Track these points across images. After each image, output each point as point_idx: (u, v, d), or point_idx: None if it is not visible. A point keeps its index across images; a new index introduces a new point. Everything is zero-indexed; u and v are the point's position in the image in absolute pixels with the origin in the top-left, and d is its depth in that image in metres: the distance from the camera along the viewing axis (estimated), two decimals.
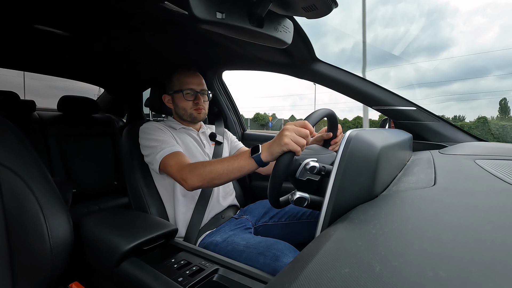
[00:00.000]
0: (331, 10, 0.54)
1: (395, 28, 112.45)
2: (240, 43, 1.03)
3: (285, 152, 0.60)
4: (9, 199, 0.61)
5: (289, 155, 0.60)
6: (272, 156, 0.64)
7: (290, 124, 0.63)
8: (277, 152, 0.62)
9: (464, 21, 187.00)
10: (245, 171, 0.70)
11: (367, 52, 36.44)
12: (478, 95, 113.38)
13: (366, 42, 9.32)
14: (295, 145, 0.60)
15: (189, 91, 1.00)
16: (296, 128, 0.62)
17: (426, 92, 69.80)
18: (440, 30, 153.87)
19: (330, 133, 0.85)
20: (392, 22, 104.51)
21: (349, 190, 0.42)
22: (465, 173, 0.53)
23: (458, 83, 67.64)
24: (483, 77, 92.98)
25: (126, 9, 0.82)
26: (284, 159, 0.60)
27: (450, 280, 0.21)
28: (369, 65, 68.41)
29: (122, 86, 1.89)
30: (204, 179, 0.73)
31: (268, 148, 0.65)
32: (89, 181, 1.67)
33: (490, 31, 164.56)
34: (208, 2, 0.48)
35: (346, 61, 74.57)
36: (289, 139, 0.60)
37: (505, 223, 0.30)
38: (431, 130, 1.01)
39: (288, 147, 0.60)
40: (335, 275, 0.24)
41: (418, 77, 67.57)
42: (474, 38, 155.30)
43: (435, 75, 70.96)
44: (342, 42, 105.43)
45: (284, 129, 0.62)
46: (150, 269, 0.64)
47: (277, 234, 0.93)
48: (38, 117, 1.59)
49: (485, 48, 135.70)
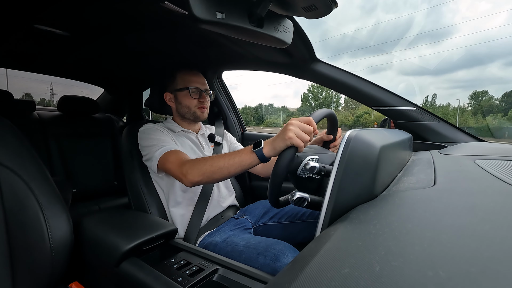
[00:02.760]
0: (331, 10, 0.54)
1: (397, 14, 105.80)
2: (240, 43, 1.03)
3: (288, 147, 0.61)
4: (9, 199, 0.61)
5: (292, 150, 0.60)
6: (274, 150, 0.64)
7: (295, 120, 0.64)
8: (280, 146, 0.62)
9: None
10: (246, 165, 0.70)
11: (367, 38, 36.24)
12: (483, 82, 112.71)
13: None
14: (299, 140, 0.60)
15: (195, 89, 1.00)
16: (300, 124, 0.62)
17: (430, 80, 71.32)
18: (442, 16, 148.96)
19: (330, 135, 0.86)
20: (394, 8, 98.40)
21: (349, 190, 0.42)
22: (465, 173, 0.53)
23: (463, 71, 68.55)
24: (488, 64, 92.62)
25: (126, 9, 0.82)
26: (286, 153, 0.60)
27: (450, 280, 0.21)
28: (369, 53, 68.89)
29: (122, 86, 1.89)
30: (204, 173, 0.73)
31: (271, 143, 0.65)
32: (89, 181, 1.67)
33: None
34: (208, 2, 0.48)
35: (348, 46, 73.78)
36: (293, 133, 0.60)
37: (505, 223, 0.30)
38: (431, 130, 1.01)
39: (292, 142, 0.60)
40: (335, 275, 0.24)
41: (421, 64, 68.65)
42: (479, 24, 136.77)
43: (439, 62, 71.90)
44: (343, 29, 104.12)
45: (289, 123, 0.63)
46: (150, 269, 0.64)
47: (277, 234, 0.93)
48: (38, 117, 1.59)
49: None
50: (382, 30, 78.17)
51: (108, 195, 1.75)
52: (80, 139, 1.69)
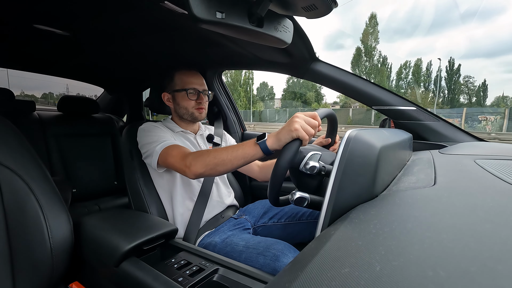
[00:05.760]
0: (331, 10, 0.54)
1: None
2: (240, 43, 1.03)
3: (293, 139, 0.61)
4: (9, 199, 0.61)
5: (296, 143, 0.60)
6: (279, 142, 0.64)
7: (300, 113, 0.64)
8: (285, 138, 0.62)
9: None
10: (249, 158, 0.70)
11: (405, 20, 28.96)
12: None
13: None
14: (304, 132, 0.60)
15: (192, 90, 0.99)
16: (306, 118, 0.63)
17: (483, 63, 61.42)
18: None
19: (328, 139, 0.86)
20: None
21: (349, 190, 0.42)
22: (465, 173, 0.53)
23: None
24: None
25: (126, 9, 0.82)
26: (291, 146, 0.60)
27: (450, 280, 0.21)
28: (406, 35, 63.25)
29: (122, 86, 1.89)
30: (208, 165, 0.73)
31: (276, 135, 0.65)
32: (89, 181, 1.67)
33: None
34: (208, 2, 0.48)
35: (384, 30, 65.78)
36: (299, 125, 0.60)
37: (505, 223, 0.30)
38: (431, 130, 1.01)
39: (297, 134, 0.60)
40: (335, 274, 0.24)
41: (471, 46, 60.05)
42: None
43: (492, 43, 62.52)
44: (378, 11, 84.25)
45: (295, 116, 0.63)
46: (150, 269, 0.64)
47: (277, 234, 0.93)
48: (38, 117, 1.59)
49: None
50: (420, 11, 69.18)
51: (108, 195, 1.75)
52: (80, 139, 1.69)
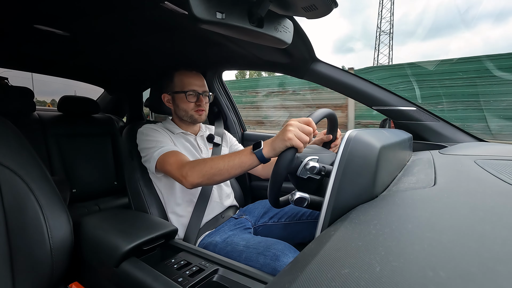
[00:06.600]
0: (331, 10, 0.54)
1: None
2: (240, 43, 1.03)
3: (288, 148, 0.60)
4: (9, 199, 0.61)
5: (291, 151, 0.60)
6: (274, 151, 0.64)
7: (294, 120, 0.64)
8: (279, 147, 0.62)
9: None
10: (246, 166, 0.70)
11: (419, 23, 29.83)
12: None
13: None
14: (298, 141, 0.60)
15: (192, 92, 0.98)
16: (299, 125, 0.62)
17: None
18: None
19: (329, 135, 0.85)
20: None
21: (349, 190, 0.42)
22: (465, 173, 0.53)
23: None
24: None
25: (126, 9, 0.82)
26: (286, 154, 0.60)
27: (451, 280, 0.21)
28: (422, 38, 61.21)
29: (122, 86, 1.89)
30: (205, 175, 0.73)
31: (271, 144, 0.65)
32: (89, 181, 1.67)
33: None
34: (208, 2, 0.48)
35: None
36: (292, 134, 0.60)
37: (505, 223, 0.30)
38: (431, 130, 1.01)
39: (291, 143, 0.60)
40: (335, 275, 0.24)
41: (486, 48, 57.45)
42: None
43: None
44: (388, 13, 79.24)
45: (288, 124, 0.63)
46: (150, 269, 0.64)
47: (277, 234, 0.93)
48: (38, 117, 1.59)
49: None
50: (432, 13, 69.14)
51: (108, 195, 1.75)
52: (80, 139, 1.69)
